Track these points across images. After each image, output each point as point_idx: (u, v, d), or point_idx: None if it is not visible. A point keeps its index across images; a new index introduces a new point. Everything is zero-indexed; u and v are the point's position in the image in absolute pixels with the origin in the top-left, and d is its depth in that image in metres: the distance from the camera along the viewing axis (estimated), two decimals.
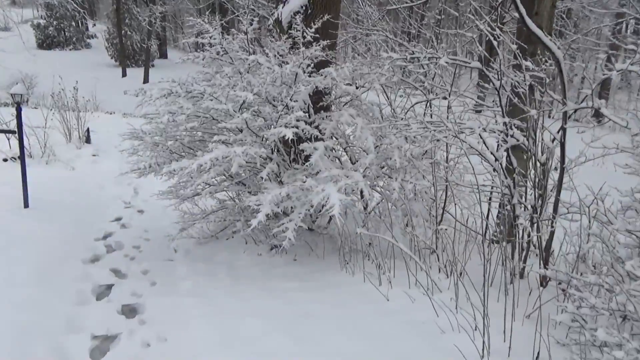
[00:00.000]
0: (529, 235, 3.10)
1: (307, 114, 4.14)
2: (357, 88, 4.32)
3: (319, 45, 4.19)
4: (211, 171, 3.68)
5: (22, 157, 6.06)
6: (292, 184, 3.65)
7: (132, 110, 11.30)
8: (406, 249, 3.14)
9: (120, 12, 20.69)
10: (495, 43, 3.15)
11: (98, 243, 5.08)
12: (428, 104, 4.53)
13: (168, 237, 4.70)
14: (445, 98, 4.47)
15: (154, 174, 4.50)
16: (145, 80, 19.19)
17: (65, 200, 6.38)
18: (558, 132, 3.01)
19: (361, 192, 4.28)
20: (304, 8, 4.73)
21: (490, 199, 4.23)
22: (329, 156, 3.90)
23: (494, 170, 3.41)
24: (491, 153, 3.25)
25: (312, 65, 4.21)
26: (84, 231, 5.39)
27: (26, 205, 5.96)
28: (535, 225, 3.15)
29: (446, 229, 3.23)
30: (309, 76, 4.00)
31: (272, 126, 3.94)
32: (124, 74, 20.51)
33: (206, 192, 4.09)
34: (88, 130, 9.57)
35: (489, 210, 4.41)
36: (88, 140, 9.55)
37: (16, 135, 6.04)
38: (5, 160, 7.86)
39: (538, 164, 3.10)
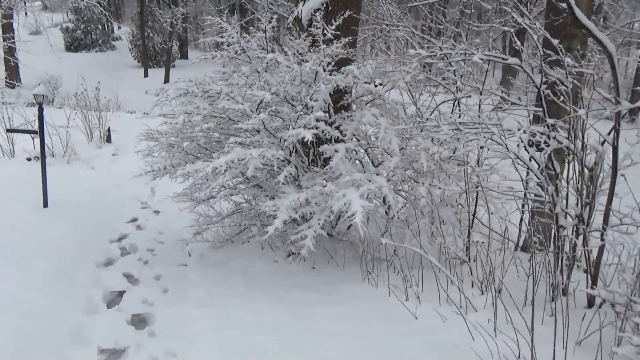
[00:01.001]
0: (574, 249, 2.80)
1: (327, 114, 3.92)
2: (376, 86, 4.07)
3: (340, 42, 3.96)
4: (226, 174, 3.49)
5: (42, 157, 6.02)
6: (311, 189, 3.43)
7: (150, 110, 11.32)
8: (437, 262, 2.87)
9: (143, 14, 20.90)
10: (535, 37, 2.86)
11: (113, 245, 4.97)
12: (456, 102, 4.25)
13: (182, 240, 4.54)
14: (469, 96, 4.19)
15: (169, 176, 4.35)
16: (166, 81, 19.31)
17: (83, 200, 6.33)
18: (609, 133, 2.70)
19: (384, 197, 4.05)
20: (324, 5, 4.52)
21: (523, 205, 3.92)
22: (350, 159, 3.66)
23: (528, 174, 3.12)
24: (531, 157, 2.95)
25: (333, 63, 3.99)
26: (99, 232, 5.30)
27: (45, 205, 5.93)
28: (582, 237, 2.84)
29: (483, 242, 2.95)
30: (330, 74, 3.78)
31: (291, 127, 3.73)
32: (146, 75, 20.69)
33: (221, 195, 3.91)
34: (109, 129, 9.57)
35: (521, 218, 4.11)
36: (109, 140, 9.55)
37: (38, 135, 6.02)
38: (29, 159, 7.89)
39: (585, 170, 2.80)
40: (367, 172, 3.63)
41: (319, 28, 4.49)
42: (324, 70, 3.78)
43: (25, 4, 17.43)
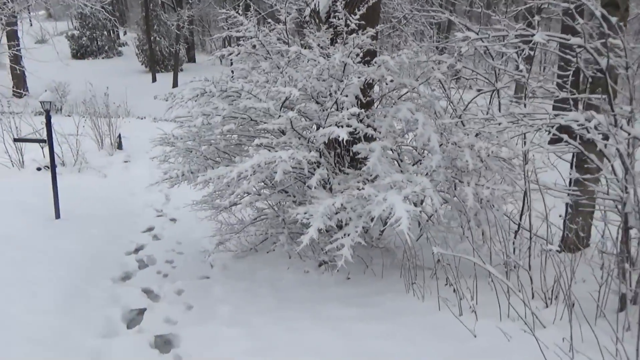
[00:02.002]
0: None
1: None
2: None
3: (366, 32, 3.65)
4: (252, 179, 3.19)
5: (52, 167, 5.79)
6: (346, 193, 3.12)
7: (162, 114, 11.10)
8: (499, 274, 2.54)
9: (149, 18, 20.72)
10: (598, 13, 2.52)
11: (129, 258, 4.71)
12: (495, 93, 3.92)
13: (204, 252, 4.26)
14: (507, 87, 3.85)
15: (187, 183, 4.07)
16: (175, 85, 19.10)
17: (96, 210, 6.08)
18: None
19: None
20: None
21: (567, 204, 3.58)
22: (387, 158, 3.34)
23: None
24: (599, 151, 2.62)
25: (361, 55, 3.69)
26: (114, 244, 5.04)
27: (57, 216, 5.70)
28: None
29: (556, 250, 2.62)
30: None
31: (320, 126, 3.42)
32: (154, 79, 20.51)
33: (245, 202, 3.61)
34: (120, 136, 9.35)
35: (565, 216, 3.77)
36: (120, 146, 9.33)
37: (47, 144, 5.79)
38: (38, 169, 7.67)
39: None
40: (404, 172, 3.31)
41: (341, 19, 4.19)
42: (354, 62, 3.47)
43: (29, 12, 17.32)
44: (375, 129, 3.39)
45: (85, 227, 5.39)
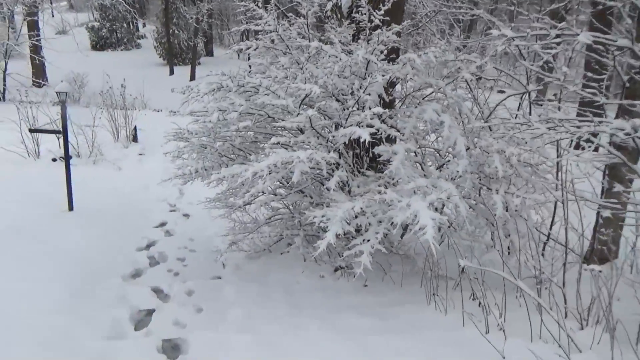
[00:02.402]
0: None
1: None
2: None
3: (390, 28, 3.48)
4: (267, 179, 3.05)
5: (66, 159, 5.74)
6: (366, 197, 2.96)
7: (178, 108, 11.04)
8: (530, 290, 2.35)
9: (168, 11, 20.76)
10: None
11: (140, 254, 4.61)
12: (525, 96, 3.70)
13: (216, 251, 4.14)
14: (540, 87, 3.63)
15: (201, 180, 3.95)
16: (192, 78, 19.12)
17: (109, 203, 6.03)
18: None
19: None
20: None
21: (599, 213, 3.37)
22: (410, 161, 3.17)
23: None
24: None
25: (385, 52, 3.51)
26: (126, 239, 4.96)
27: (70, 208, 5.65)
28: None
29: (601, 271, 2.42)
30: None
31: (340, 125, 3.26)
32: (172, 72, 20.56)
33: (260, 201, 3.46)
34: (135, 128, 9.30)
35: (595, 227, 3.56)
36: (135, 139, 9.28)
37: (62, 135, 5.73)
38: (54, 160, 7.65)
39: None
40: (427, 176, 3.13)
41: (365, 14, 4.02)
42: (377, 60, 3.30)
43: (51, 2, 17.45)
44: (398, 130, 3.22)
45: (98, 220, 5.33)
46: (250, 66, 4.44)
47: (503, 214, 2.86)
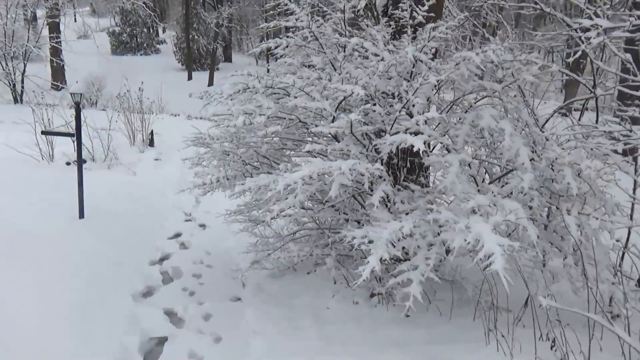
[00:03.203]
0: None
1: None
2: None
3: (437, 25, 3.08)
4: (299, 192, 2.65)
5: (79, 163, 5.44)
6: (414, 215, 2.55)
7: (196, 112, 10.77)
8: (628, 337, 1.91)
9: (188, 16, 20.72)
10: None
11: (153, 268, 4.26)
12: (591, 102, 3.27)
13: (237, 270, 3.75)
14: (610, 93, 3.18)
15: (222, 190, 3.59)
16: (210, 84, 18.97)
17: (122, 210, 5.71)
18: None
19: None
20: None
21: None
22: (465, 174, 2.75)
23: None
24: None
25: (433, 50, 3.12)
26: (139, 251, 4.61)
27: (81, 215, 5.34)
28: None
29: None
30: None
31: (383, 131, 2.87)
32: (190, 77, 20.46)
33: (289, 218, 3.07)
34: (152, 132, 9.06)
35: None
36: (151, 143, 9.04)
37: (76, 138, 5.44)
38: (68, 163, 7.38)
39: None
40: (483, 192, 2.71)
41: (406, 10, 3.65)
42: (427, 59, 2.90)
43: (74, 7, 17.50)
44: (450, 138, 2.80)
45: (110, 228, 5.00)
46: (268, 70, 4.05)
47: (578, 239, 2.42)
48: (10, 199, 5.00)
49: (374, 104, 3.04)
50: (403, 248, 2.59)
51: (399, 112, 2.71)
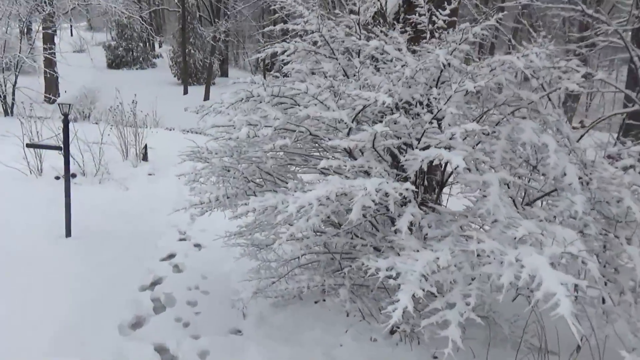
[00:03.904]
0: None
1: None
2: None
3: (466, 28, 2.76)
4: (313, 215, 2.28)
5: (66, 178, 5.06)
6: (448, 242, 2.19)
7: (192, 127, 10.43)
8: None
9: (185, 31, 20.56)
10: None
11: (143, 295, 3.85)
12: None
13: (237, 299, 3.35)
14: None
15: (221, 210, 3.22)
16: (206, 98, 18.72)
17: (113, 228, 5.31)
18: None
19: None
20: None
21: None
22: (506, 196, 2.39)
23: None
24: None
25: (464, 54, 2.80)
26: (128, 273, 4.21)
27: (68, 234, 4.95)
28: None
29: None
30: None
31: (410, 146, 2.52)
32: (186, 92, 20.21)
33: (301, 244, 2.69)
34: (146, 147, 8.69)
35: None
36: (145, 158, 8.66)
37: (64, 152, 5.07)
38: (57, 178, 6.98)
39: None
40: (525, 216, 2.35)
41: (424, 14, 3.36)
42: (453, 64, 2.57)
43: (70, 19, 17.29)
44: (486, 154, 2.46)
45: (98, 249, 4.61)
46: (298, 71, 3.77)
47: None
48: None
49: (399, 115, 2.70)
50: (437, 282, 2.22)
51: (429, 122, 2.37)
